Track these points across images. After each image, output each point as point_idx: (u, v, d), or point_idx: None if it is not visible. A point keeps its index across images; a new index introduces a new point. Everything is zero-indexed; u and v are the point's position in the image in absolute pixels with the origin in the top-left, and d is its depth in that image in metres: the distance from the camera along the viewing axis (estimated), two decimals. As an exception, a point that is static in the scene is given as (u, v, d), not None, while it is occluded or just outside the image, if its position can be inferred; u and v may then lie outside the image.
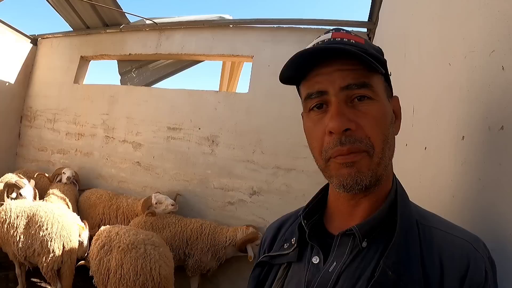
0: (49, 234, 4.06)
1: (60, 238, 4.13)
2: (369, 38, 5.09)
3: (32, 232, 4.04)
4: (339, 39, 0.89)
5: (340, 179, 0.85)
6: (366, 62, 0.81)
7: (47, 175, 6.21)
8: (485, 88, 1.07)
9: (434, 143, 1.53)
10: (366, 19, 5.04)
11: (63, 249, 4.15)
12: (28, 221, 4.09)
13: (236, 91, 7.39)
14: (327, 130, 0.84)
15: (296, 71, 0.90)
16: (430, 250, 0.81)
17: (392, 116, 0.92)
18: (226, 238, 4.75)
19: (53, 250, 4.06)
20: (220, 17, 6.24)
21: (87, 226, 4.63)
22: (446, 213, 1.26)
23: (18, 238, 3.97)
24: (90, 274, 3.84)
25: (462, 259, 0.78)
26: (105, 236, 3.81)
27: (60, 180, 6.06)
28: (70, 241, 4.25)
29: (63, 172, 6.09)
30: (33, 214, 4.11)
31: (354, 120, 0.83)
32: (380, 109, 0.86)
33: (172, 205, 5.01)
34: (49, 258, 4.05)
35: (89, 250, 4.11)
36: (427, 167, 1.60)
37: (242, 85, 9.76)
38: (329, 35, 0.91)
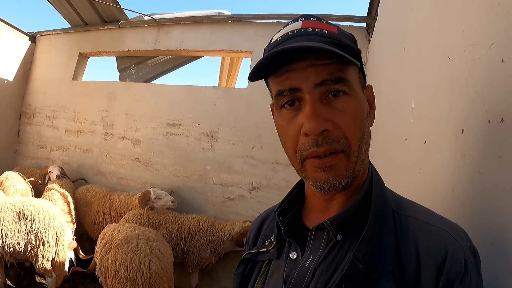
0: (42, 226, 4.12)
1: (53, 228, 4.21)
2: (368, 33, 5.08)
3: (24, 227, 4.05)
4: (311, 29, 0.84)
5: (317, 182, 0.83)
6: (342, 57, 0.77)
7: (39, 182, 6.18)
8: (484, 81, 1.07)
9: (434, 137, 1.53)
10: (365, 14, 5.02)
11: (56, 238, 4.23)
12: (16, 216, 4.08)
13: (235, 87, 7.39)
14: (303, 131, 0.81)
15: (265, 68, 0.85)
16: (406, 240, 0.79)
17: (367, 108, 0.89)
18: (224, 232, 4.74)
19: (48, 241, 4.14)
20: (219, 12, 6.23)
21: (76, 248, 4.65)
22: (446, 207, 1.26)
23: (4, 235, 3.97)
24: (96, 273, 3.82)
25: (439, 248, 0.76)
26: (109, 235, 3.78)
27: (49, 179, 6.03)
28: (63, 230, 4.34)
29: (50, 171, 6.07)
30: (19, 209, 4.11)
31: (330, 120, 0.80)
32: (356, 105, 0.83)
33: (172, 202, 5.00)
34: (45, 250, 4.13)
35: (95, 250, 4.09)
36: (427, 161, 1.60)
37: (241, 81, 9.74)
38: (299, 24, 0.86)
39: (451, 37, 1.42)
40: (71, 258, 4.54)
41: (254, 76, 0.87)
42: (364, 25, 5.19)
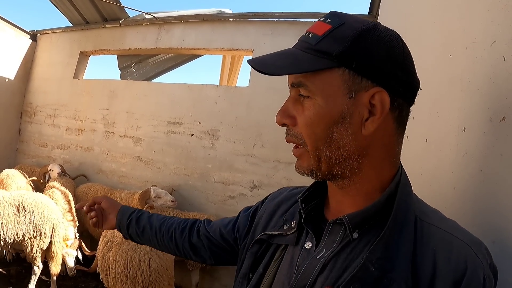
0: (41, 218, 4.30)
1: (50, 221, 4.38)
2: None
3: (23, 218, 4.21)
4: (306, 33, 0.87)
5: None
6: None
7: (41, 181, 6.15)
8: (486, 79, 1.07)
9: (435, 135, 1.53)
10: (366, 12, 5.02)
11: (52, 230, 4.41)
12: (15, 209, 4.24)
13: (237, 85, 7.38)
14: None
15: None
16: (424, 248, 0.78)
17: (353, 114, 0.83)
18: (225, 231, 4.73)
19: (45, 232, 4.31)
20: (220, 11, 6.23)
21: (80, 245, 4.79)
22: (448, 205, 1.26)
23: (5, 227, 4.13)
24: (97, 271, 3.83)
25: (459, 262, 0.74)
26: (111, 233, 3.79)
27: (50, 177, 6.02)
28: (59, 222, 4.51)
29: (50, 169, 6.06)
30: (18, 202, 4.26)
31: (294, 116, 0.88)
32: (314, 108, 0.84)
33: (172, 201, 5.01)
34: (41, 240, 4.31)
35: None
36: (428, 159, 1.60)
37: (242, 79, 9.72)
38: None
39: (453, 35, 1.42)
40: (76, 256, 4.69)
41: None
42: (365, 23, 5.18)
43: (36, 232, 4.24)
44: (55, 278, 4.58)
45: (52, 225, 4.38)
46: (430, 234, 0.81)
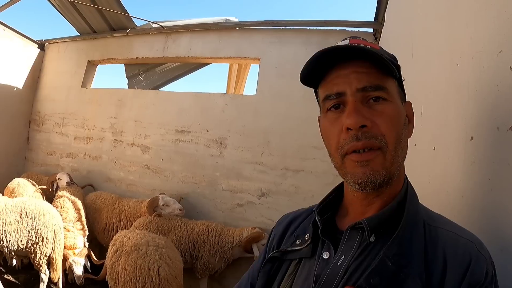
0: (42, 223, 4.33)
1: (52, 226, 4.42)
2: (376, 38, 5.08)
3: (25, 224, 4.25)
4: (356, 44, 0.90)
5: (355, 177, 0.88)
6: (381, 65, 0.87)
7: (45, 187, 6.13)
8: (493, 88, 1.07)
9: (443, 143, 1.53)
10: (372, 19, 5.02)
11: (54, 236, 4.44)
12: (18, 215, 4.27)
13: (244, 93, 7.39)
14: (344, 126, 0.88)
15: (314, 72, 0.96)
16: (434, 247, 0.83)
17: (405, 119, 0.95)
18: (233, 238, 4.73)
19: (46, 238, 4.35)
20: (226, 19, 6.25)
21: (89, 253, 4.86)
22: (456, 213, 1.27)
23: (8, 234, 4.16)
24: (106, 279, 3.84)
25: (464, 256, 0.79)
26: (119, 242, 3.79)
27: (58, 186, 6.01)
28: (60, 228, 4.56)
29: (59, 178, 6.04)
30: (20, 209, 4.29)
31: (369, 118, 0.87)
32: (394, 109, 0.90)
33: (180, 209, 5.00)
34: (43, 246, 4.35)
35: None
36: (436, 167, 1.60)
37: (250, 87, 9.72)
38: (346, 42, 0.95)
39: (459, 43, 1.43)
40: (84, 265, 4.71)
41: (304, 77, 0.99)
42: (371, 30, 5.18)
43: (38, 238, 4.28)
44: (60, 286, 4.61)
45: (54, 230, 4.42)
46: (438, 235, 0.86)
